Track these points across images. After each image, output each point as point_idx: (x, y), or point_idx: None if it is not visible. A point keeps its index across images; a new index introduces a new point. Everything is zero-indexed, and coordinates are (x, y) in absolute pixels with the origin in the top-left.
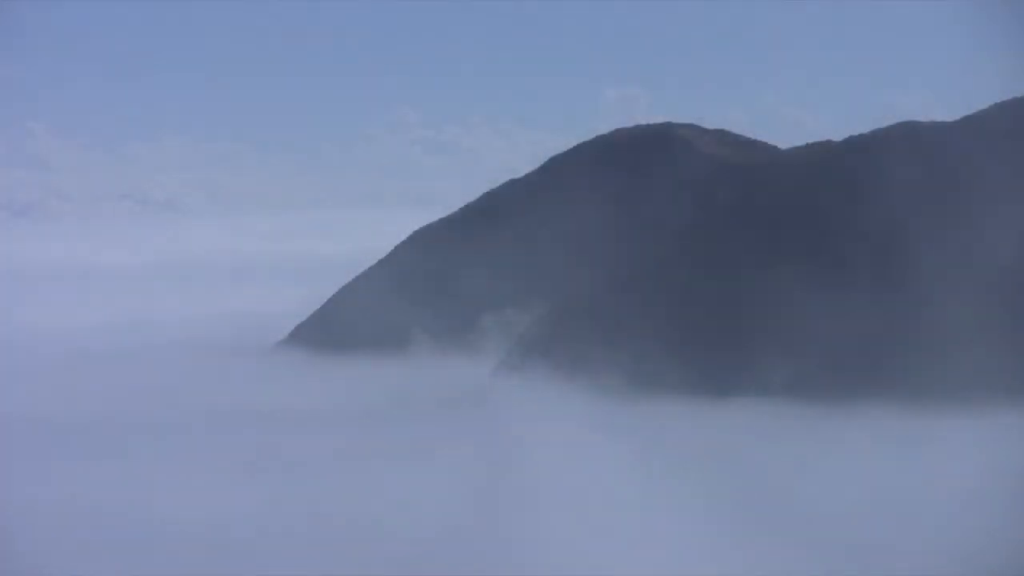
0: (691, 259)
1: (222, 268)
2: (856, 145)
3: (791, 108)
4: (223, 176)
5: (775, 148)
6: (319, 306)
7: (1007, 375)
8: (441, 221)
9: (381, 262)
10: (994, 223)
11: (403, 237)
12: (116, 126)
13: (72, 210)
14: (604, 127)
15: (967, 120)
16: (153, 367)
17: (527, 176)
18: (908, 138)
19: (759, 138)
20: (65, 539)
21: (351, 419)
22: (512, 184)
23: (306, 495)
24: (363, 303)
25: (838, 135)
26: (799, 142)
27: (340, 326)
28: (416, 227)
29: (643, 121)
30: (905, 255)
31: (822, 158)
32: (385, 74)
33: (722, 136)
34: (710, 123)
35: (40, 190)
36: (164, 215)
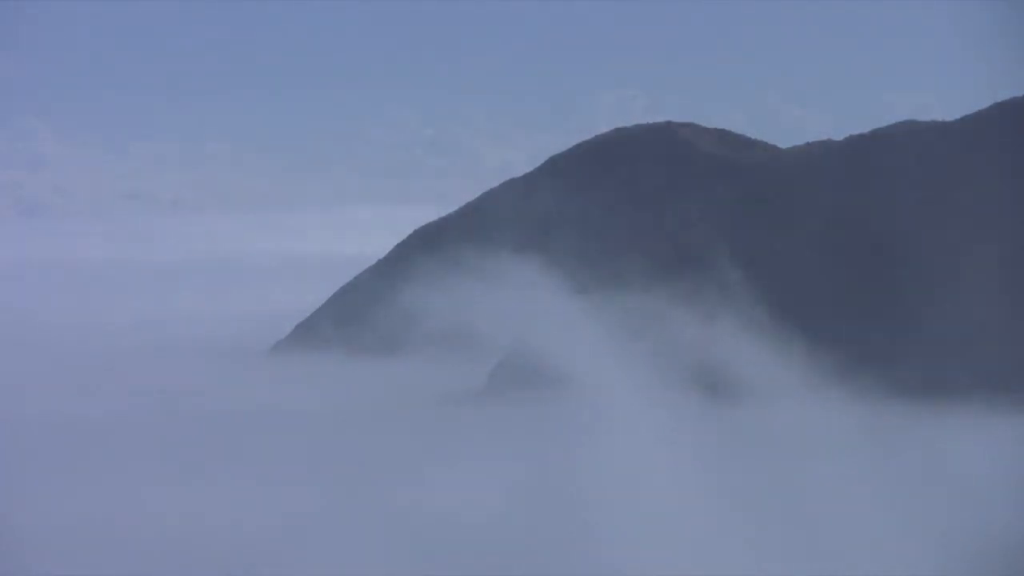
0: (691, 258)
1: (223, 268)
2: (856, 145)
3: (791, 108)
4: (225, 176)
5: (775, 148)
6: (319, 306)
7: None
8: (441, 221)
9: (381, 262)
10: (994, 222)
11: (403, 237)
12: (121, 126)
13: (78, 210)
14: (604, 127)
15: (967, 120)
16: (153, 367)
17: (527, 176)
18: (908, 138)
19: (759, 138)
20: (68, 543)
21: (352, 419)
22: (512, 184)
23: (307, 496)
24: (363, 303)
25: (838, 135)
26: (799, 142)
27: (340, 326)
28: (416, 227)
29: (643, 121)
30: (905, 254)
31: (822, 158)
32: (385, 74)
33: (722, 136)
34: (710, 123)
35: (47, 190)
36: (170, 215)
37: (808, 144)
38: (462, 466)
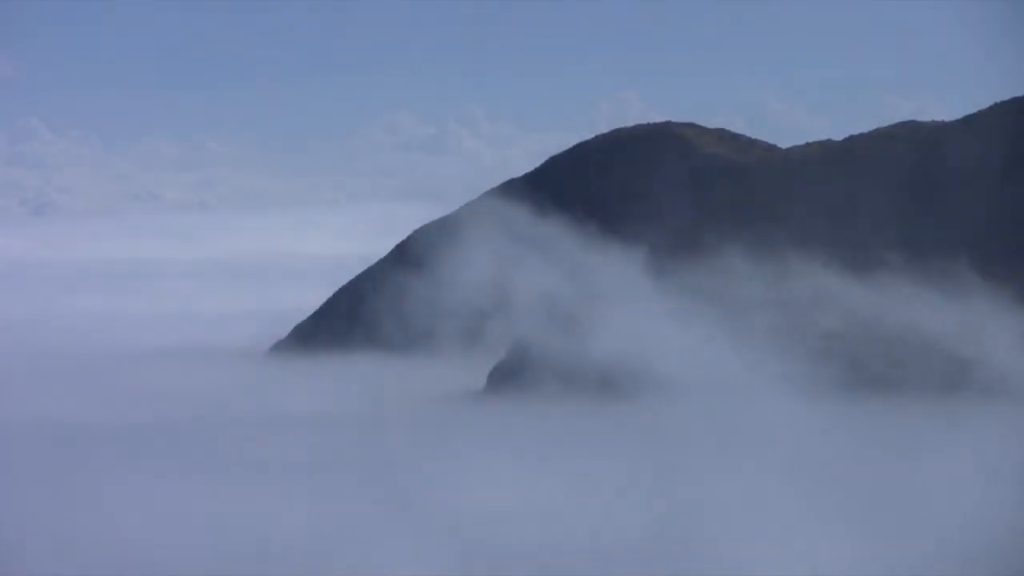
0: (690, 257)
1: (222, 268)
2: (856, 145)
3: (791, 108)
4: (225, 176)
5: (775, 148)
6: (319, 306)
7: None
8: (441, 220)
9: (381, 261)
10: (994, 222)
11: (403, 236)
12: (124, 126)
13: (81, 210)
14: (604, 127)
15: (967, 120)
16: (152, 368)
17: (527, 176)
18: (908, 138)
19: (759, 138)
20: (66, 550)
21: (353, 420)
22: (512, 184)
23: (306, 499)
24: (363, 303)
25: (838, 135)
26: (799, 142)
27: (340, 326)
28: (416, 226)
29: (643, 121)
30: (904, 254)
31: (822, 157)
32: (385, 74)
33: (722, 135)
34: (710, 123)
35: (51, 190)
36: (172, 215)
37: (808, 144)
38: (481, 467)
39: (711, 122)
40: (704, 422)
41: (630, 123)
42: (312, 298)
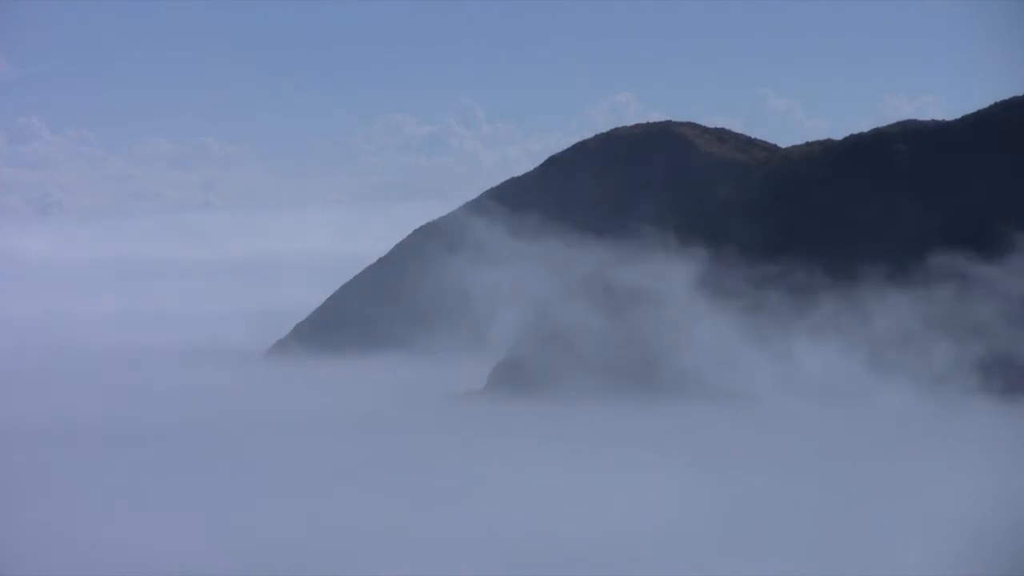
0: (690, 258)
1: (222, 268)
2: (856, 145)
3: (791, 108)
4: (227, 176)
5: (775, 147)
6: (319, 306)
7: None
8: (441, 220)
9: (381, 261)
10: (993, 222)
11: (403, 236)
12: (126, 126)
13: (83, 209)
14: (604, 126)
15: (967, 120)
16: (153, 368)
17: (527, 175)
18: (908, 138)
19: (759, 138)
20: (64, 555)
21: (352, 421)
22: (512, 183)
23: (311, 500)
24: (364, 303)
25: (838, 135)
26: (799, 142)
27: (340, 326)
28: (416, 226)
29: (643, 121)
30: (905, 254)
31: (822, 157)
32: (385, 74)
33: (722, 135)
34: (710, 123)
35: (54, 189)
36: (173, 215)
37: (808, 144)
38: (470, 469)
39: (711, 122)
40: (720, 422)
41: (630, 123)
42: (312, 298)
